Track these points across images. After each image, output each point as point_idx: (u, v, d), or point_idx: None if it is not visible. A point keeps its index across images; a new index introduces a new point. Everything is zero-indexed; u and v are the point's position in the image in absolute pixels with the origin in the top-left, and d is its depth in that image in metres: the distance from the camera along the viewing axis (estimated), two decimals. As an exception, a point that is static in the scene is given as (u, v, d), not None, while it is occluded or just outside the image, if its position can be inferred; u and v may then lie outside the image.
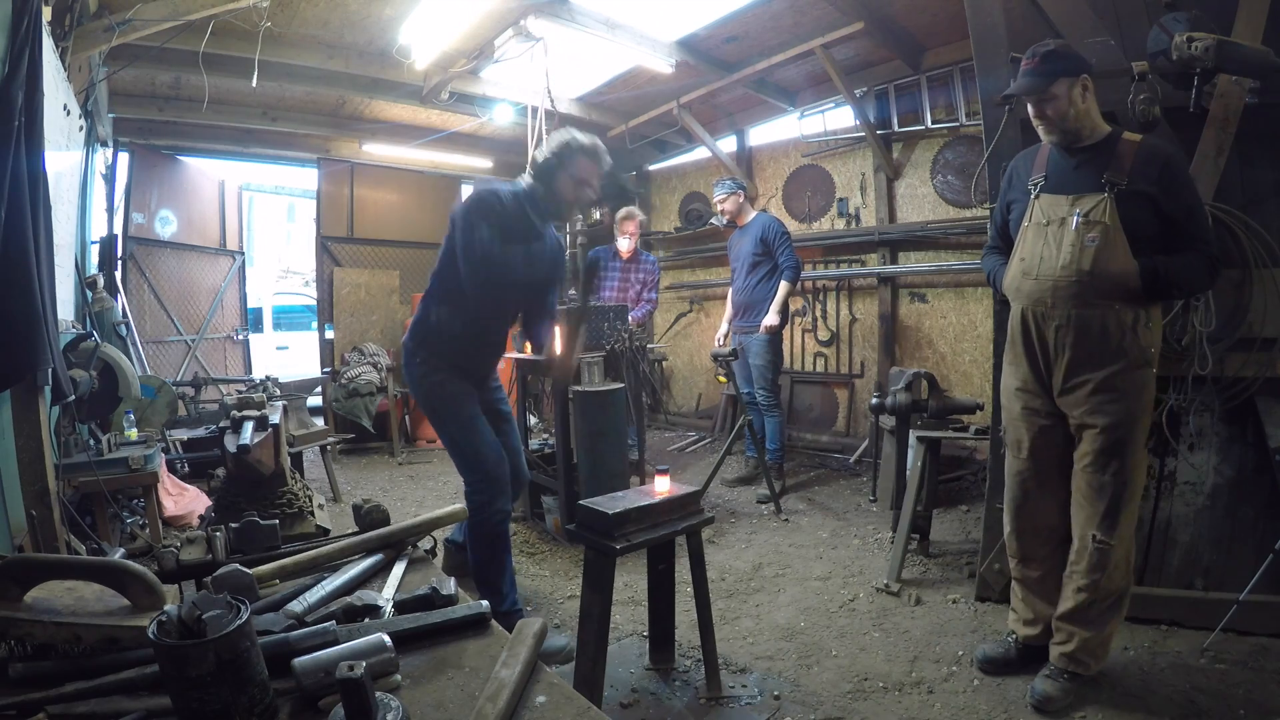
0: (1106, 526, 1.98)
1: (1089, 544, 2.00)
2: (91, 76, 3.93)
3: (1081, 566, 2.02)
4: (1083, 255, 1.92)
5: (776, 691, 2.19)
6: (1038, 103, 1.98)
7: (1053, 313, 2.00)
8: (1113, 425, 1.95)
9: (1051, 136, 2.02)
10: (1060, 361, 2.01)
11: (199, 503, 3.66)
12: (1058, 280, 1.97)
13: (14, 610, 0.98)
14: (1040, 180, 2.06)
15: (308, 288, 10.78)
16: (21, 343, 1.94)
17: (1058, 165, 2.05)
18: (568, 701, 0.91)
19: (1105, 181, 1.92)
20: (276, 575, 1.28)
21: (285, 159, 6.97)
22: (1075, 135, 1.99)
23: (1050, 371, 2.05)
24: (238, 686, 0.81)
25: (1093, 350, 1.96)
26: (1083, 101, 1.96)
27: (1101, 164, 1.95)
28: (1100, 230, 1.91)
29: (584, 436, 3.36)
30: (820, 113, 5.49)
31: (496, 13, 3.94)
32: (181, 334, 6.21)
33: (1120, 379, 1.94)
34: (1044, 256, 2.00)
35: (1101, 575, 1.99)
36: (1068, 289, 1.95)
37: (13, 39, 1.99)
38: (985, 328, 4.62)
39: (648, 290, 4.92)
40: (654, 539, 2.00)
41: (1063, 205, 1.99)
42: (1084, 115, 1.97)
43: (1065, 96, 1.93)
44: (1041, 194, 2.05)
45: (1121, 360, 1.93)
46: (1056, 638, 2.09)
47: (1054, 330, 2.01)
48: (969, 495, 4.12)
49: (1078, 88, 1.94)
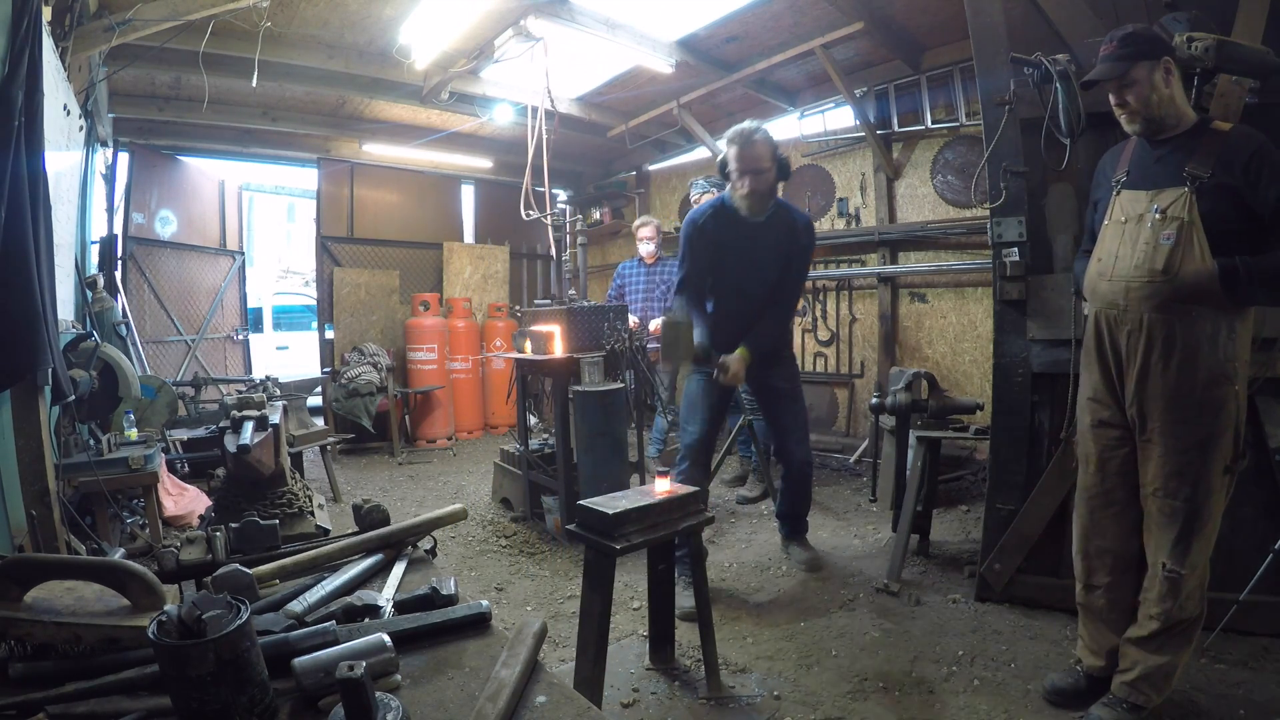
0: (1178, 555, 1.83)
1: (1159, 572, 1.86)
2: (91, 76, 3.93)
3: (1153, 594, 1.89)
4: (1156, 254, 1.79)
5: (776, 691, 2.19)
6: (1118, 89, 1.85)
7: (1125, 317, 1.87)
8: (1183, 447, 1.80)
9: (1134, 126, 1.88)
10: (1132, 370, 1.88)
11: (199, 503, 3.66)
12: (1130, 281, 1.84)
13: (14, 610, 0.98)
14: (1123, 176, 1.94)
15: (308, 288, 10.79)
16: (21, 343, 1.94)
17: (1140, 159, 1.91)
18: (568, 701, 0.91)
19: (1187, 175, 1.78)
20: (276, 575, 1.27)
21: (285, 159, 6.98)
22: (1159, 124, 1.85)
23: (1122, 381, 1.92)
24: (238, 686, 0.81)
25: (1166, 360, 1.81)
26: (1165, 86, 1.81)
27: (1185, 155, 1.81)
28: (1177, 227, 1.76)
29: (584, 436, 3.36)
30: (820, 113, 5.49)
31: (496, 13, 3.94)
32: (181, 334, 6.21)
33: (1194, 395, 1.79)
34: (1119, 256, 1.88)
35: (1173, 605, 1.85)
36: (1141, 291, 1.82)
37: (13, 39, 1.99)
38: (985, 328, 4.62)
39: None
40: (654, 539, 2.00)
41: (1142, 201, 1.86)
42: (1168, 101, 1.83)
43: (1146, 81, 1.80)
44: (1123, 190, 1.92)
45: (1197, 373, 1.78)
46: (1121, 664, 1.97)
47: (1126, 336, 1.87)
48: (969, 495, 4.12)
49: (1159, 71, 1.80)
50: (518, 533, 3.81)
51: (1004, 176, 2.63)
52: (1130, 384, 1.89)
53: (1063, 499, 2.59)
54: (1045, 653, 2.35)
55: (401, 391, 6.20)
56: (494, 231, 7.67)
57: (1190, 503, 1.81)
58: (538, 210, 4.36)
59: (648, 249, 4.86)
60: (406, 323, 6.56)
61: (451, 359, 6.64)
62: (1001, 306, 2.69)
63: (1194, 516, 1.82)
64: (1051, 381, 2.63)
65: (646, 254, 4.89)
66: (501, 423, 7.04)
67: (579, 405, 3.37)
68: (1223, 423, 1.80)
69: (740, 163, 2.73)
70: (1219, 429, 1.80)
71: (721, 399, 3.02)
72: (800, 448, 3.06)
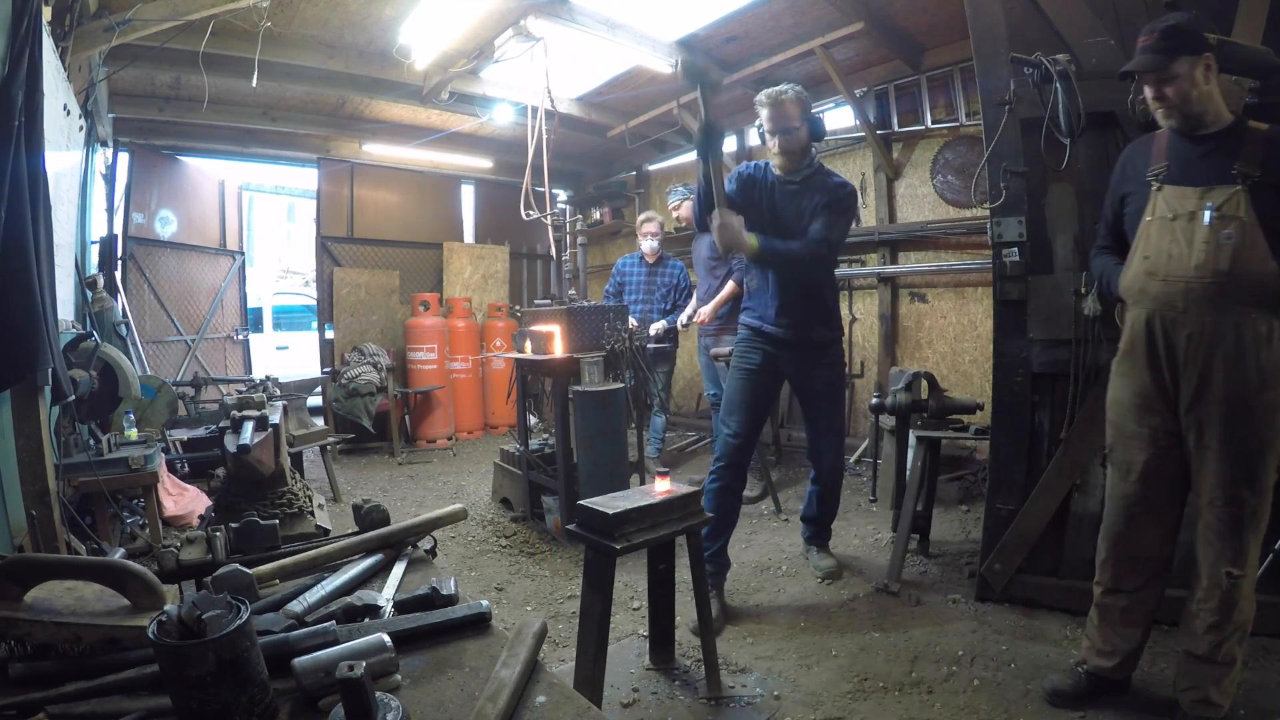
0: (1239, 559, 1.79)
1: (1222, 581, 1.81)
2: (91, 76, 3.93)
3: (1212, 604, 1.84)
4: (1219, 254, 1.73)
5: (776, 691, 2.19)
6: (1157, 83, 1.79)
7: (1184, 318, 1.79)
8: (1245, 452, 1.76)
9: (1170, 121, 1.83)
10: (1189, 374, 1.80)
11: (199, 503, 3.66)
12: (1190, 282, 1.76)
13: (14, 610, 0.98)
14: (1161, 170, 1.85)
15: (308, 288, 10.78)
16: (21, 343, 1.94)
17: (1180, 154, 1.84)
18: (568, 701, 0.91)
19: (1237, 173, 1.73)
20: (276, 575, 1.27)
21: (285, 159, 6.98)
22: (1198, 120, 1.80)
23: (1176, 385, 1.84)
24: (238, 686, 0.81)
25: (1227, 363, 1.76)
26: (1206, 83, 1.77)
27: (1230, 153, 1.76)
28: (1237, 226, 1.71)
29: (584, 436, 3.36)
30: (820, 112, 5.47)
31: (496, 13, 3.94)
32: (181, 334, 6.21)
33: (1253, 399, 1.75)
34: (1172, 255, 1.80)
35: (1235, 610, 1.82)
36: (1203, 292, 1.75)
37: (13, 39, 1.99)
38: (985, 328, 4.62)
39: (679, 295, 4.92)
40: (654, 539, 2.00)
41: (1190, 198, 1.79)
42: (1207, 98, 1.78)
43: (1188, 76, 1.75)
44: (1165, 185, 1.84)
45: (1256, 377, 1.74)
46: (1184, 682, 1.92)
47: (1185, 339, 1.79)
48: (969, 495, 4.11)
49: (1200, 67, 1.75)
50: (518, 533, 3.81)
51: (1004, 176, 2.63)
52: (1187, 389, 1.82)
53: (1063, 499, 2.59)
54: (1045, 653, 2.35)
55: (401, 391, 6.21)
56: (494, 231, 7.67)
57: (1247, 506, 1.78)
58: (538, 210, 4.36)
59: (650, 245, 4.86)
60: (406, 323, 6.56)
61: (451, 359, 6.64)
62: (1001, 306, 2.69)
63: (1252, 519, 1.79)
64: (1051, 381, 2.63)
65: (648, 250, 4.88)
66: (501, 423, 7.04)
67: (579, 405, 3.37)
68: (1278, 425, 1.77)
69: (771, 123, 2.69)
70: (1275, 433, 1.77)
71: (767, 394, 2.92)
72: (833, 452, 3.03)
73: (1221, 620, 1.83)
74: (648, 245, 4.87)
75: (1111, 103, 2.39)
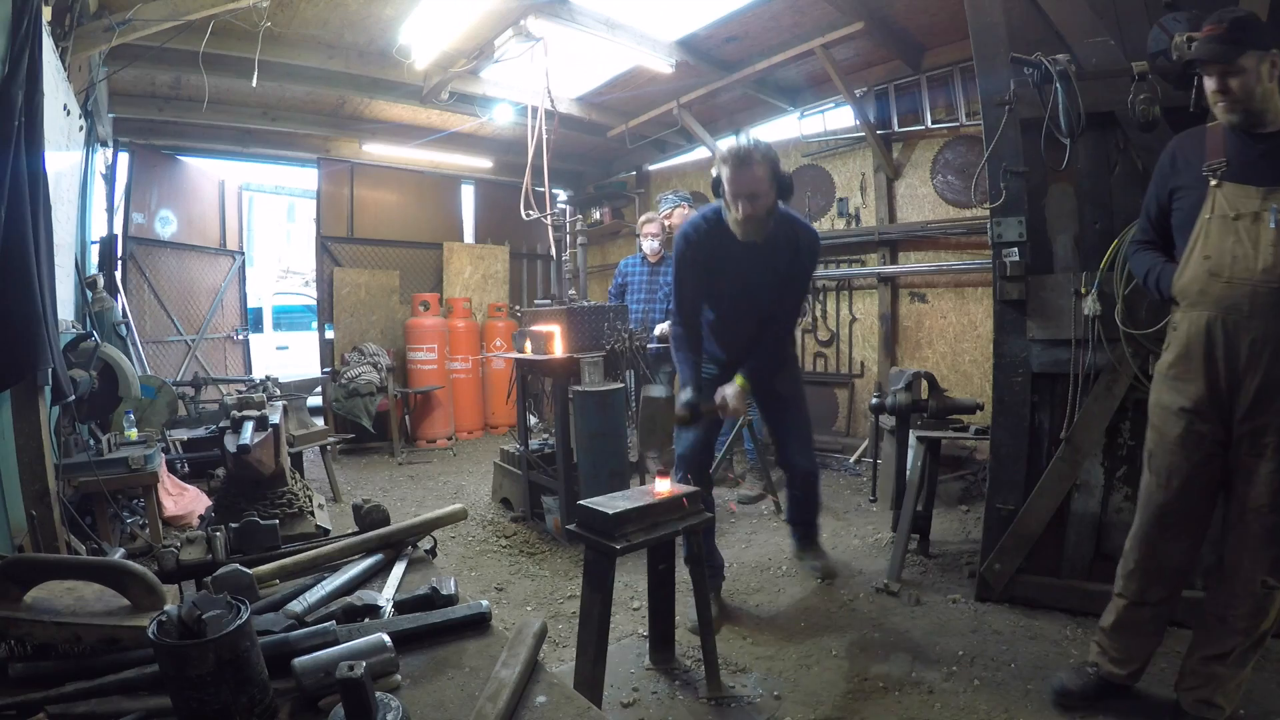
0: (1275, 568, 1.77)
1: (1257, 589, 1.79)
2: (91, 76, 3.93)
3: (1243, 610, 1.82)
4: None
5: (776, 691, 2.19)
6: (1222, 75, 1.73)
7: (1249, 323, 1.72)
8: None
9: (1232, 116, 1.76)
10: (1250, 381, 1.74)
11: (199, 503, 3.66)
12: (1257, 286, 1.71)
13: (14, 610, 0.98)
14: (1220, 166, 1.79)
15: (308, 288, 10.77)
16: (21, 343, 1.94)
17: (1240, 151, 1.78)
18: (568, 701, 0.91)
19: None
20: (276, 575, 1.27)
21: (285, 159, 6.98)
22: (1258, 118, 1.74)
23: (1233, 392, 1.78)
24: (238, 686, 0.81)
25: None
26: (1270, 80, 1.71)
27: None
28: None
29: (584, 436, 3.36)
30: (820, 113, 5.49)
31: (496, 13, 3.94)
32: (181, 334, 6.21)
33: None
34: (1236, 256, 1.73)
35: (1264, 619, 1.80)
36: (1269, 296, 1.70)
37: (13, 39, 1.99)
38: (985, 328, 4.62)
39: None
40: (654, 539, 2.00)
41: (1254, 198, 1.73)
42: (1270, 96, 1.73)
43: (1255, 71, 1.69)
44: (1224, 182, 1.78)
45: None
46: (1189, 682, 1.91)
47: (1248, 344, 1.73)
48: (969, 495, 4.11)
49: (1267, 63, 1.70)
50: (518, 533, 3.81)
51: (1004, 176, 2.63)
52: (1246, 396, 1.76)
53: (1063, 499, 2.59)
54: (1045, 653, 2.35)
55: (401, 391, 6.21)
56: (494, 231, 7.67)
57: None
58: (538, 210, 4.36)
59: (651, 245, 4.85)
60: (406, 323, 6.56)
61: (451, 359, 6.64)
62: (1001, 306, 2.69)
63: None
64: (1051, 381, 2.63)
65: (650, 251, 4.87)
66: (501, 423, 7.04)
67: (579, 405, 3.37)
68: None
69: (734, 185, 2.35)
70: None
71: None
72: (803, 457, 2.88)
73: (1249, 627, 1.82)
74: (649, 245, 4.85)
75: (1111, 103, 2.39)
